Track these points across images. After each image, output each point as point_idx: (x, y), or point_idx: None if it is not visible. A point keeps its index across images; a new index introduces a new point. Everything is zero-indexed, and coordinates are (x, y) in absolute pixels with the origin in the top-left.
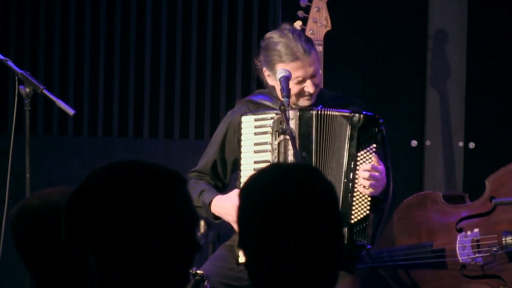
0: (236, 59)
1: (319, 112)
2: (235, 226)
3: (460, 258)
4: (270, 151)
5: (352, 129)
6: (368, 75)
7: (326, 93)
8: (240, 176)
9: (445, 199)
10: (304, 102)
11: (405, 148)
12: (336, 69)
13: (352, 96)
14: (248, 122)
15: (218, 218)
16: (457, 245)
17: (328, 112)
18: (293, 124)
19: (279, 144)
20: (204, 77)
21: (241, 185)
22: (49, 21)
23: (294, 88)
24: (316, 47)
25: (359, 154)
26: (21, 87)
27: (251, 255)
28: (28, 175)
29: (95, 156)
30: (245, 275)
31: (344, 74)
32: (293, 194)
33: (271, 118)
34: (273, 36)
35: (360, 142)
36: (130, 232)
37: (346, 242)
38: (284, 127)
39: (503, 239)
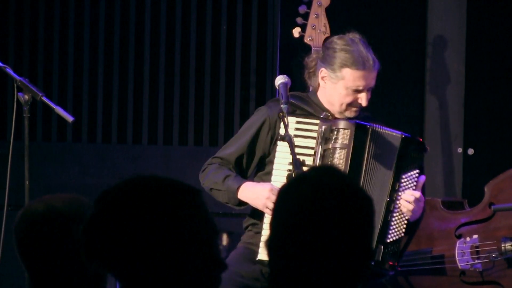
0: (235, 66)
1: (375, 129)
2: (265, 211)
3: (459, 264)
4: (311, 155)
5: (401, 150)
6: None
7: None
8: (273, 175)
9: (444, 205)
10: (351, 113)
11: None
12: None
13: (377, 119)
14: (289, 123)
15: (240, 204)
16: (456, 251)
17: (382, 130)
18: (347, 135)
19: (325, 151)
20: (203, 84)
21: (283, 184)
22: (48, 28)
23: (349, 97)
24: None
25: (403, 176)
26: (20, 94)
27: (277, 255)
28: (27, 182)
29: (94, 163)
30: (255, 283)
31: None
32: (331, 204)
33: (315, 124)
34: (343, 41)
35: (407, 165)
36: (150, 250)
37: (380, 259)
38: (284, 133)
39: (502, 245)
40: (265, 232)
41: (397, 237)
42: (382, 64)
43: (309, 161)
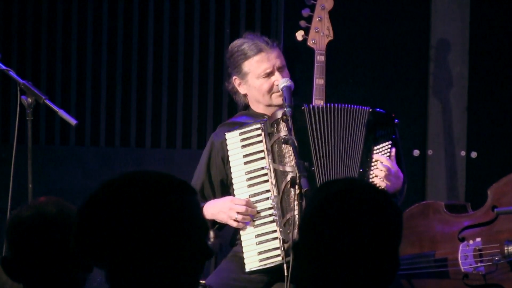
0: None
1: (312, 106)
2: (230, 223)
3: (462, 268)
4: (263, 158)
5: (369, 123)
6: (370, 85)
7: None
8: (234, 190)
9: (447, 209)
10: (277, 99)
11: (407, 157)
12: (338, 78)
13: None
14: (233, 138)
15: (213, 225)
16: (459, 255)
17: (336, 107)
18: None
19: (272, 146)
20: (206, 87)
21: (314, 192)
22: (51, 32)
23: (265, 84)
24: (319, 56)
25: (375, 148)
26: (23, 97)
27: (303, 259)
28: (30, 185)
29: (97, 166)
30: (250, 285)
31: (346, 84)
32: (363, 214)
33: (257, 128)
34: (234, 42)
35: (376, 137)
36: (141, 242)
37: None
38: (287, 137)
39: (505, 248)
40: (244, 243)
41: None
42: (385, 68)
43: (263, 163)
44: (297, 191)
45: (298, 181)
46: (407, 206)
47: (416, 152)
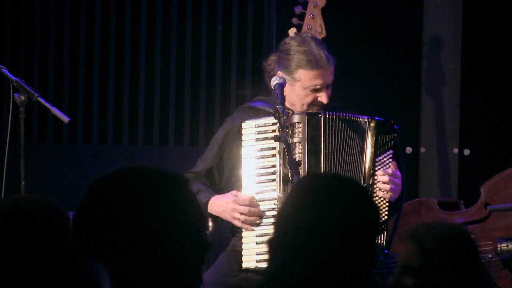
0: (230, 66)
1: (328, 116)
2: (234, 222)
3: None
4: (274, 155)
5: (371, 134)
6: (363, 82)
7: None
8: (242, 182)
9: (440, 206)
10: (311, 109)
11: None
12: None
13: (349, 107)
14: (249, 128)
15: (214, 218)
16: None
17: (343, 116)
18: (301, 128)
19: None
20: (199, 84)
21: (291, 189)
22: (43, 29)
23: (309, 96)
24: None
25: (377, 159)
26: (16, 94)
27: (278, 254)
28: (23, 183)
29: (90, 164)
30: (246, 284)
31: (339, 81)
32: (336, 210)
33: (273, 123)
34: (295, 42)
35: (377, 147)
36: (141, 238)
37: None
38: (280, 134)
39: (498, 246)
40: (244, 240)
41: (380, 220)
42: (378, 65)
43: (274, 161)
44: (290, 189)
45: (290, 178)
46: None
47: (409, 150)
